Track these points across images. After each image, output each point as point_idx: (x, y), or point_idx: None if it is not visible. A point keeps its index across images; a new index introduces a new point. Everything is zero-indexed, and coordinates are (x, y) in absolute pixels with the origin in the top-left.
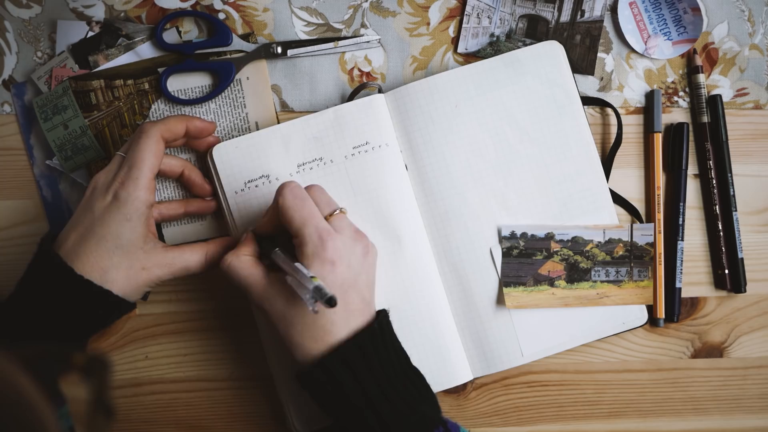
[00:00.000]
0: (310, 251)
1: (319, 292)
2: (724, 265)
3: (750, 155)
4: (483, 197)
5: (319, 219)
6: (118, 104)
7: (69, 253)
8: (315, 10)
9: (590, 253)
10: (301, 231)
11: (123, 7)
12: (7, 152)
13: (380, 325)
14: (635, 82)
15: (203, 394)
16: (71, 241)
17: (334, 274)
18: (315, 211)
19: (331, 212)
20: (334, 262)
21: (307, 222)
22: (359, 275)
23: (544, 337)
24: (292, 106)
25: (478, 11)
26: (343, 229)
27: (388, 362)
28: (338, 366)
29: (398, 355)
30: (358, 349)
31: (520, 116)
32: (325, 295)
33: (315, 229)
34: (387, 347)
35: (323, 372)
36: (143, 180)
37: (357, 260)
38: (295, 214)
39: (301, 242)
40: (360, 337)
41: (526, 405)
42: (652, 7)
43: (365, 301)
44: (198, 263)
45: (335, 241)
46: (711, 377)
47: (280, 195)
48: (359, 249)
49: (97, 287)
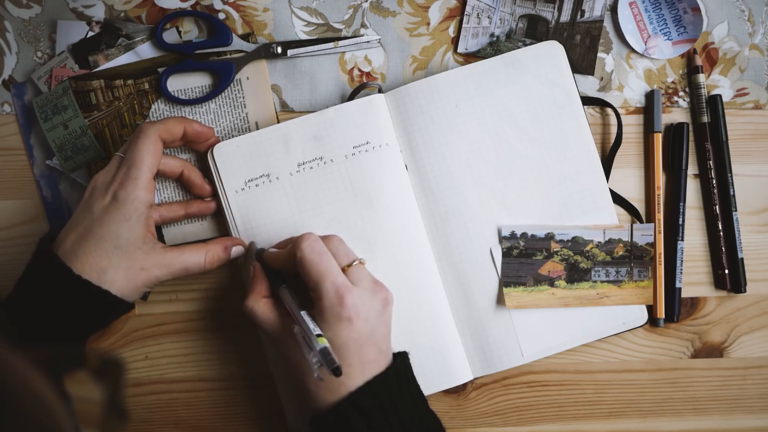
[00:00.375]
0: (327, 307)
1: (326, 357)
2: (724, 265)
3: (750, 155)
4: (483, 197)
5: (337, 274)
6: (118, 104)
7: (67, 253)
8: (315, 10)
9: (590, 253)
10: (319, 286)
11: (123, 7)
12: (7, 152)
13: (396, 371)
14: (635, 82)
15: (203, 394)
16: (70, 241)
17: (351, 330)
18: (333, 266)
19: (349, 263)
20: (351, 319)
21: (324, 277)
22: (376, 328)
23: (544, 337)
24: (292, 106)
25: (478, 11)
26: (361, 280)
27: (404, 408)
28: (353, 413)
29: (415, 399)
30: (371, 395)
31: (520, 116)
32: (332, 363)
33: (332, 285)
34: (403, 392)
35: (336, 419)
36: (142, 180)
37: (375, 313)
38: (312, 269)
39: (318, 296)
40: (374, 383)
41: (526, 405)
42: (652, 7)
43: (381, 352)
44: (197, 264)
45: (353, 297)
46: (711, 377)
47: (298, 248)
48: (378, 302)
49: (95, 287)
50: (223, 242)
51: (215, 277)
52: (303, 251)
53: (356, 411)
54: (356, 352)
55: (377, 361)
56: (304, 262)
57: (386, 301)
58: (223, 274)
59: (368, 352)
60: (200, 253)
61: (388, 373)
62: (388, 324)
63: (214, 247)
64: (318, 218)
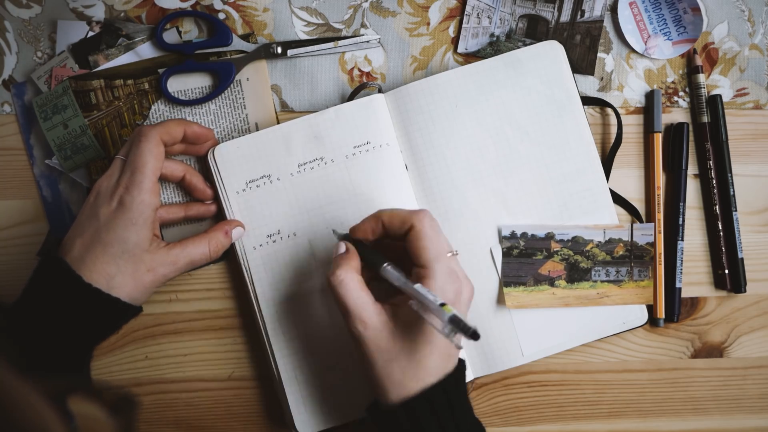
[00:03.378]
0: (438, 286)
1: (459, 324)
2: (724, 265)
3: (750, 155)
4: (483, 197)
5: (447, 258)
6: (118, 104)
7: (75, 260)
8: (315, 10)
9: (590, 253)
10: (433, 264)
11: (123, 7)
12: (7, 152)
13: (463, 371)
14: (635, 82)
15: (203, 394)
16: (77, 248)
17: None
18: (446, 249)
19: (449, 252)
20: (454, 304)
21: (440, 257)
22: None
23: (544, 337)
24: (292, 106)
25: (478, 11)
26: (456, 272)
27: (466, 409)
28: (424, 408)
29: (469, 405)
30: (444, 393)
31: (521, 116)
32: (468, 329)
33: (446, 267)
34: (466, 395)
35: (406, 412)
36: (147, 183)
37: (465, 306)
38: (431, 244)
39: (429, 275)
40: (447, 381)
41: (526, 405)
42: (652, 7)
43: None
44: (203, 255)
45: (461, 284)
46: (711, 377)
47: (418, 220)
48: (467, 293)
49: (105, 295)
50: (223, 227)
51: (215, 277)
52: (424, 225)
53: (429, 407)
54: (446, 343)
55: (454, 356)
56: (422, 236)
57: (472, 293)
58: (223, 275)
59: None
60: (203, 244)
61: (459, 371)
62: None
63: (215, 235)
64: (319, 218)
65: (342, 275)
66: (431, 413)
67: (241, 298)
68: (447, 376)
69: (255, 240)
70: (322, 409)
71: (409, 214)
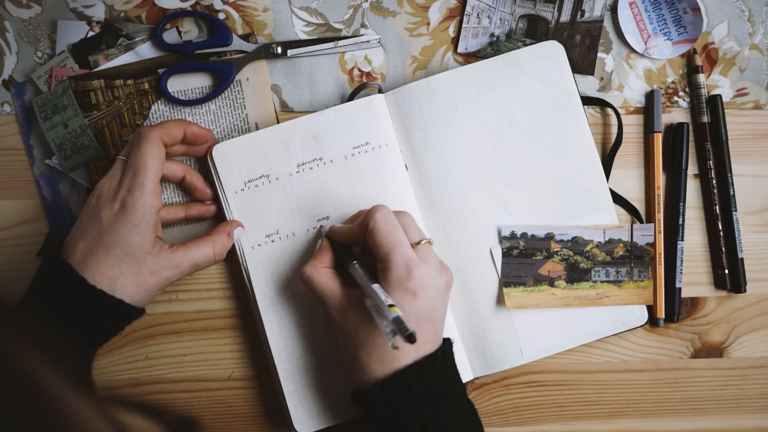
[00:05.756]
0: (394, 278)
1: (399, 325)
2: (724, 265)
3: (750, 155)
4: (483, 197)
5: (407, 247)
6: (118, 104)
7: (78, 262)
8: (315, 10)
9: (590, 254)
10: (388, 257)
11: (123, 7)
12: (7, 152)
13: (444, 354)
14: (635, 82)
15: (203, 394)
16: (80, 251)
17: (414, 305)
18: (404, 239)
19: (418, 241)
20: (416, 293)
21: (395, 249)
22: (437, 308)
23: (544, 337)
24: (292, 106)
25: (478, 11)
26: (429, 259)
27: (446, 391)
28: (397, 389)
29: (456, 385)
30: (418, 375)
31: (521, 116)
32: (405, 331)
33: (402, 257)
34: (447, 376)
35: (382, 394)
36: (149, 185)
37: (438, 293)
38: (384, 239)
39: (386, 267)
40: (422, 363)
41: (526, 405)
42: (652, 7)
43: (437, 332)
44: (206, 258)
45: (421, 272)
46: (711, 377)
47: (371, 218)
48: (442, 283)
49: (108, 297)
50: (225, 229)
51: (215, 277)
52: (376, 221)
53: (402, 388)
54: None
55: (431, 341)
56: (376, 232)
57: (449, 283)
58: (222, 275)
59: (425, 331)
60: (207, 246)
61: (437, 355)
62: (446, 306)
63: (218, 237)
64: (318, 219)
65: (307, 271)
66: (405, 394)
67: (241, 298)
68: (422, 358)
69: (253, 240)
70: (320, 408)
71: (365, 216)
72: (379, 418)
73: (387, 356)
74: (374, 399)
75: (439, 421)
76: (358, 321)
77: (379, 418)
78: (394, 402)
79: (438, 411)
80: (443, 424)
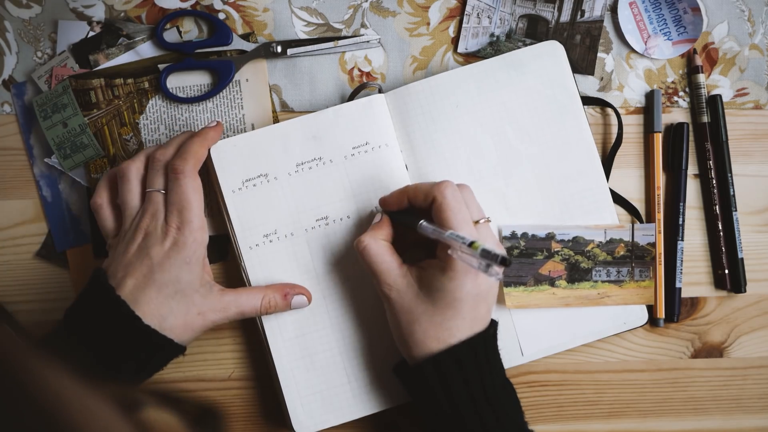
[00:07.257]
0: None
1: (488, 254)
2: (724, 265)
3: (750, 155)
4: (483, 197)
5: (472, 226)
6: (118, 103)
7: (129, 300)
8: (315, 10)
9: (591, 253)
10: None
11: (123, 7)
12: (7, 152)
13: (494, 333)
14: (635, 82)
15: (203, 394)
16: (130, 287)
17: (475, 284)
18: (468, 218)
19: (478, 219)
20: (478, 273)
21: (462, 226)
22: (493, 287)
23: (544, 337)
24: (292, 106)
25: (478, 11)
26: (487, 238)
27: (494, 368)
28: (450, 364)
29: (500, 365)
30: (471, 351)
31: (521, 116)
32: (497, 258)
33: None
34: (495, 355)
35: (435, 368)
36: (197, 222)
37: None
38: (453, 215)
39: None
40: (475, 340)
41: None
42: (652, 7)
43: (489, 312)
44: (254, 308)
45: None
46: (711, 377)
47: (440, 192)
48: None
49: (159, 336)
50: (283, 289)
51: (214, 277)
52: (445, 197)
53: (455, 364)
54: (472, 307)
55: (484, 319)
56: (445, 207)
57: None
58: (222, 275)
59: (481, 309)
60: (257, 297)
61: (488, 333)
62: (498, 287)
63: (273, 294)
64: (317, 219)
65: (366, 240)
66: (458, 369)
67: None
68: (476, 335)
69: (251, 240)
70: (319, 409)
71: (431, 187)
72: (428, 393)
73: (444, 333)
74: (426, 373)
75: (487, 398)
76: (414, 297)
77: (428, 393)
78: (446, 376)
79: (486, 387)
80: (489, 400)
